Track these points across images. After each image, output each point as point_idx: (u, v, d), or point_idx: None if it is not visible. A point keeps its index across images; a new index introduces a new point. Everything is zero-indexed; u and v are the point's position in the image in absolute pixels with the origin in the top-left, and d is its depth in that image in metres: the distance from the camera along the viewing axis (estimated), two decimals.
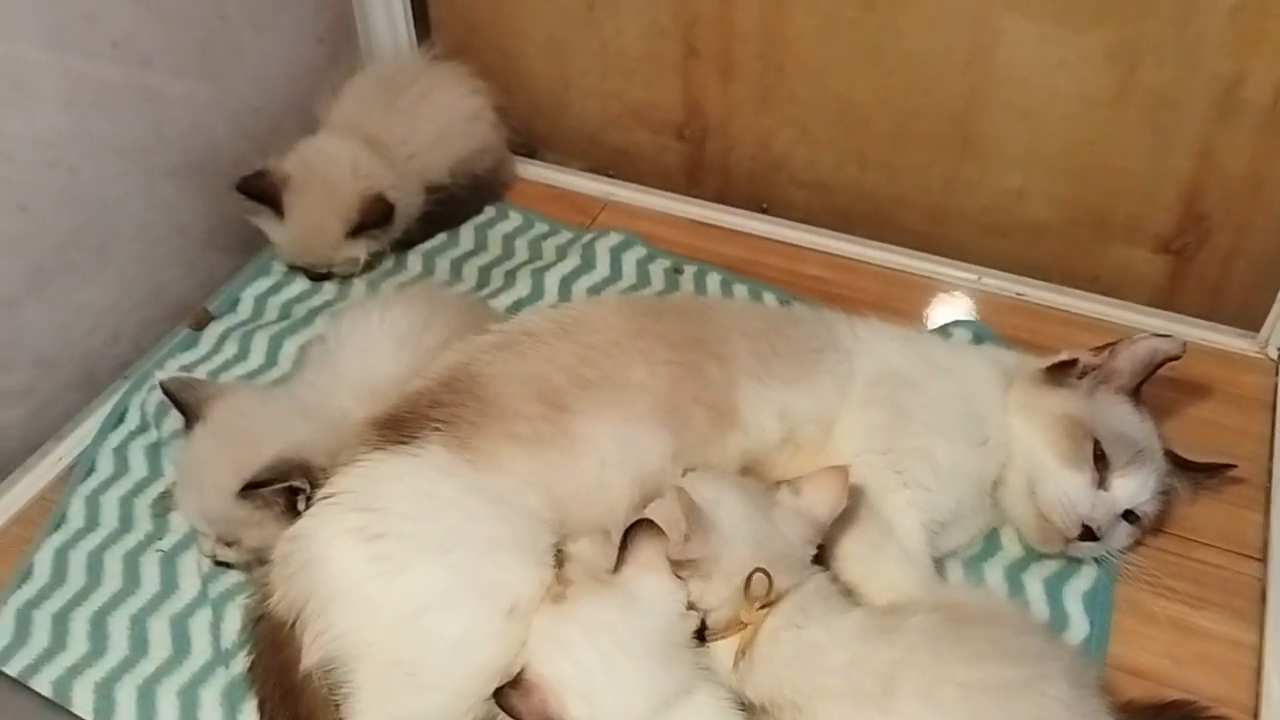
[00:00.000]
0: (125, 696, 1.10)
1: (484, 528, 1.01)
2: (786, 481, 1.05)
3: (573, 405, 1.10)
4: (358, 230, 1.48)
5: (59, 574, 1.21)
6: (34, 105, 1.27)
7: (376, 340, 1.22)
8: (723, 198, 1.72)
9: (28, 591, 1.20)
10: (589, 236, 1.58)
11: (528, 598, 0.97)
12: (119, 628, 1.16)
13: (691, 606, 0.98)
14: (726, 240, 1.61)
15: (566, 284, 1.52)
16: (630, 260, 1.55)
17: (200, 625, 1.16)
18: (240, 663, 1.09)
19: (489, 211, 1.66)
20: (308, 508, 1.08)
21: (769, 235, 1.61)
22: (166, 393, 1.15)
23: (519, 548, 1.00)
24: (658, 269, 1.54)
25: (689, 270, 1.53)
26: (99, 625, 1.16)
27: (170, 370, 1.43)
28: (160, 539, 1.24)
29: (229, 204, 1.52)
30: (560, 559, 1.02)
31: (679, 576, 0.98)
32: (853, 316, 1.25)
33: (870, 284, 1.52)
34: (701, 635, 0.99)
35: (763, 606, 0.97)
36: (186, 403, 1.14)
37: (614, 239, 1.56)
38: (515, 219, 1.65)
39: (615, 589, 0.96)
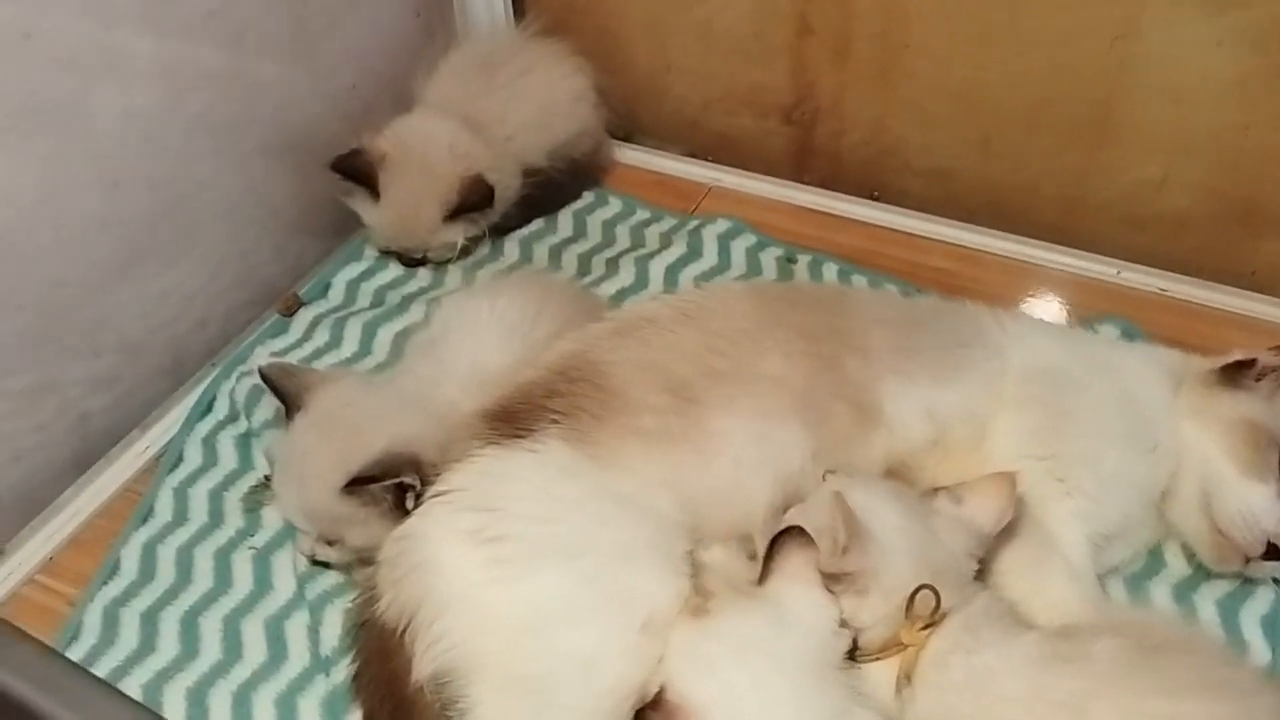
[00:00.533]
0: (219, 703, 1.03)
1: (613, 531, 0.93)
2: (944, 488, 0.96)
3: (703, 398, 1.02)
4: (456, 213, 1.40)
5: (147, 570, 1.15)
6: (126, 78, 1.20)
7: (486, 328, 1.14)
8: (830, 185, 1.62)
9: (114, 588, 1.13)
10: (694, 223, 1.49)
11: (664, 610, 0.88)
12: (211, 629, 1.09)
13: (842, 624, 0.88)
14: (841, 229, 1.51)
15: (672, 272, 1.43)
16: (739, 248, 1.46)
17: (297, 629, 1.08)
18: (342, 671, 1.02)
19: (587, 197, 1.58)
20: (417, 506, 1.00)
21: (886, 224, 1.51)
22: (265, 379, 1.08)
23: (653, 554, 0.91)
24: (769, 258, 1.45)
25: (802, 259, 1.44)
26: (190, 626, 1.09)
27: (260, 357, 1.36)
28: (253, 535, 1.17)
29: (320, 185, 1.45)
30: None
31: (830, 590, 0.88)
32: (998, 310, 1.15)
33: (998, 277, 1.42)
34: (850, 655, 0.89)
35: (925, 627, 0.87)
36: (287, 390, 1.07)
37: (721, 226, 1.47)
38: (615, 205, 1.56)
39: (762, 602, 0.87)
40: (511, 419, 1.02)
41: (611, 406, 1.01)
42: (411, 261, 1.47)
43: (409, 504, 1.01)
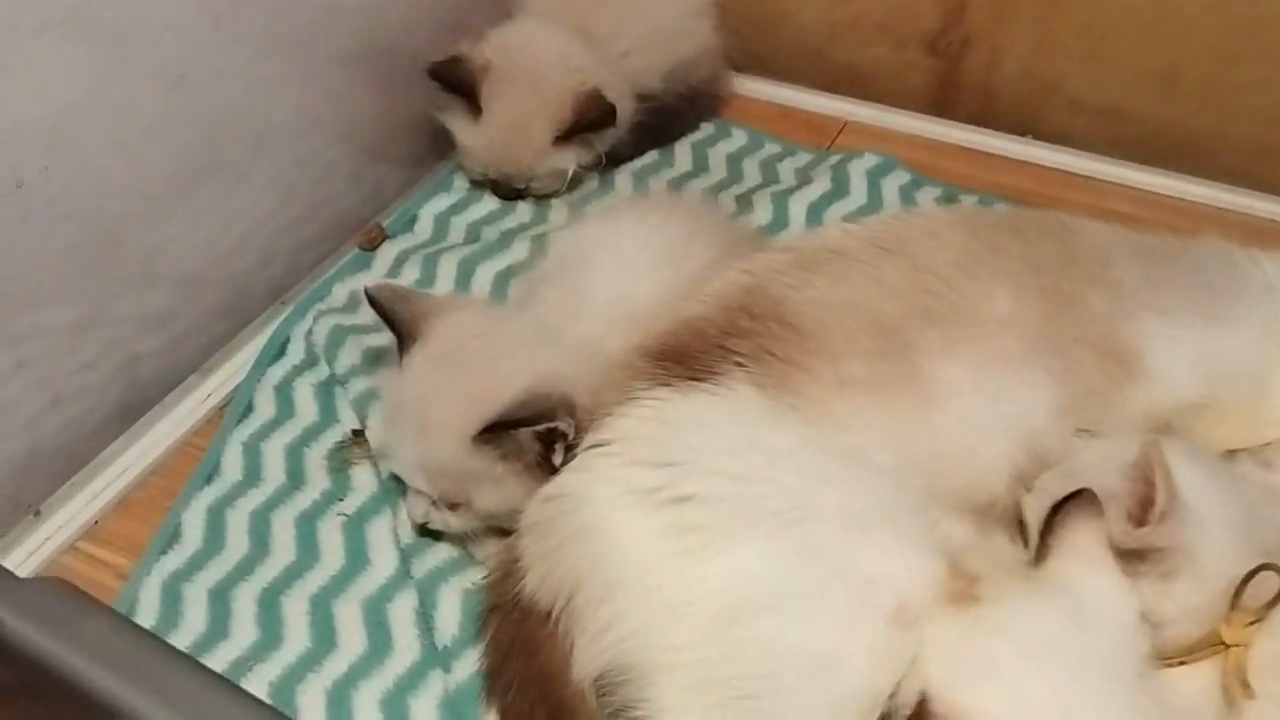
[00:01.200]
0: (311, 701, 0.83)
1: (841, 493, 0.73)
2: (1244, 450, 0.76)
3: (918, 343, 0.82)
4: (570, 133, 1.20)
5: (214, 539, 0.94)
6: None
7: (633, 254, 0.94)
8: (976, 124, 1.41)
9: (175, 559, 0.93)
10: (836, 158, 1.30)
11: (917, 595, 0.68)
12: (296, 611, 0.89)
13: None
14: (1004, 170, 1.32)
15: (816, 211, 1.23)
16: (891, 187, 1.26)
17: (402, 613, 0.88)
18: (468, 667, 0.81)
19: (706, 128, 1.38)
20: (567, 460, 0.80)
21: (1057, 165, 1.32)
22: (374, 303, 0.88)
23: (896, 523, 0.71)
24: (926, 198, 1.25)
25: (966, 201, 1.24)
26: (270, 606, 0.89)
27: (339, 296, 1.16)
28: (342, 499, 0.97)
29: (406, 102, 1.27)
30: None
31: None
32: (1249, 247, 0.95)
33: (1197, 226, 1.19)
34: None
35: (1251, 622, 0.67)
36: (401, 317, 0.87)
37: (870, 161, 1.28)
38: (739, 137, 1.36)
39: (1047, 588, 0.67)
40: (682, 359, 0.82)
41: (808, 350, 0.81)
42: (510, 193, 1.27)
43: (556, 457, 0.81)
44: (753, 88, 1.45)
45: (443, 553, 0.91)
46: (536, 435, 0.80)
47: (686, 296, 0.90)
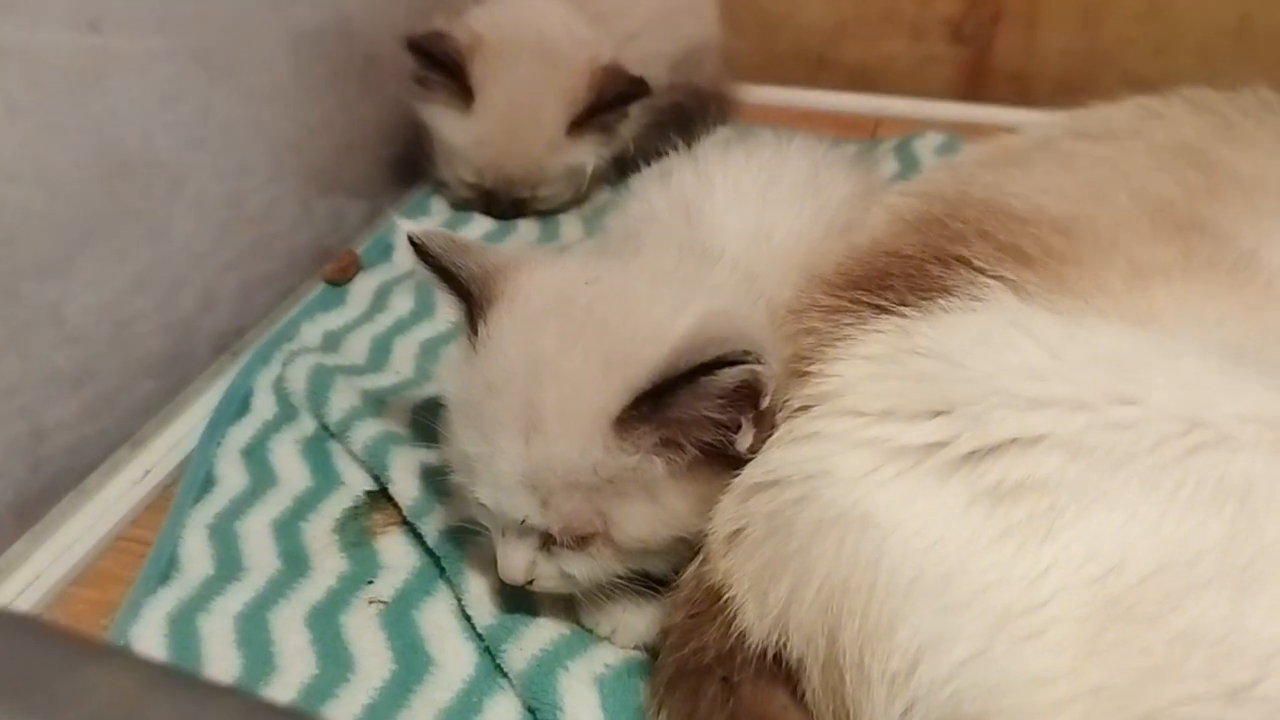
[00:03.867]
0: None
1: (1251, 402, 0.47)
2: None
3: (1218, 218, 0.60)
4: (588, 115, 0.95)
5: (186, 657, 0.63)
6: None
7: (759, 188, 0.70)
8: None
9: None
10: (894, 142, 1.09)
11: None
12: None
13: None
14: None
15: None
16: None
17: None
18: None
19: (724, 133, 1.14)
20: (763, 431, 0.52)
21: None
22: (424, 254, 0.59)
23: None
24: None
25: None
26: None
27: (310, 335, 0.87)
28: (370, 581, 0.66)
29: (366, 106, 1.01)
30: None
31: None
32: None
33: None
34: None
35: None
36: (469, 273, 0.58)
37: (934, 140, 1.07)
38: (767, 138, 1.13)
39: None
40: (885, 286, 0.57)
41: (1073, 237, 0.57)
42: (509, 208, 1.02)
43: (744, 438, 0.53)
44: (760, 94, 1.24)
45: (547, 630, 0.61)
46: (722, 398, 0.51)
47: (846, 229, 0.65)
